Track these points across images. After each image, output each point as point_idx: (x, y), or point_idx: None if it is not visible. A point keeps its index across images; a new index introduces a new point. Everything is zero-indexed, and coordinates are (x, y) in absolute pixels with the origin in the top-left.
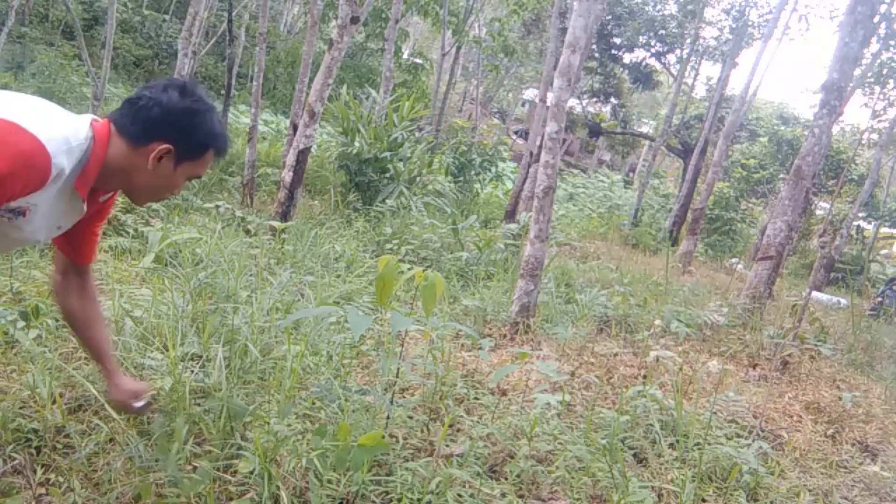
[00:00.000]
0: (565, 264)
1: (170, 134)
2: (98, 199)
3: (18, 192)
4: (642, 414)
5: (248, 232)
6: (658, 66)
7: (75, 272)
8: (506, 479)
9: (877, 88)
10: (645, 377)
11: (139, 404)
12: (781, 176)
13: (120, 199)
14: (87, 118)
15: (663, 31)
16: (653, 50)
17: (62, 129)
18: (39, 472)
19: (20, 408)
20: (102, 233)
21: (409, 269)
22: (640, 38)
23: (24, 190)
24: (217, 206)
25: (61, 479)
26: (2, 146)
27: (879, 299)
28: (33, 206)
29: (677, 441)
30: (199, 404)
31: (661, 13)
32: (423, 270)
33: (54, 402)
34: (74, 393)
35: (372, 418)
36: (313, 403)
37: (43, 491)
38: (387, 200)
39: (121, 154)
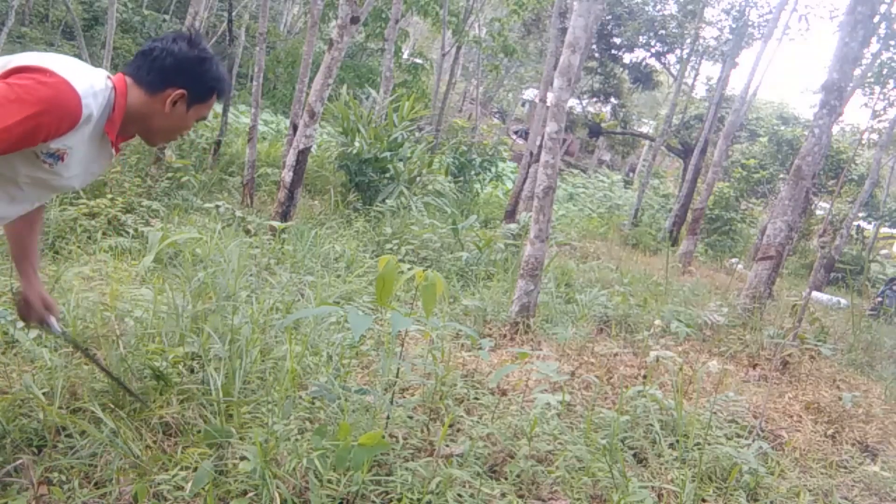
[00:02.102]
0: (565, 264)
1: (182, 80)
2: (118, 146)
3: (54, 131)
4: (642, 414)
5: (248, 232)
6: (658, 66)
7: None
8: (506, 479)
9: (877, 88)
10: (645, 377)
11: (55, 325)
12: (781, 176)
13: (120, 200)
14: (102, 72)
15: (663, 31)
16: (653, 50)
17: (87, 77)
18: (40, 471)
19: (20, 408)
20: (103, 232)
21: (409, 269)
22: (640, 38)
23: (59, 129)
24: (217, 206)
25: (63, 479)
26: (37, 86)
27: (879, 299)
28: (69, 148)
29: (677, 441)
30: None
31: (661, 13)
32: (423, 270)
33: (53, 402)
34: (75, 393)
35: (372, 418)
36: (313, 403)
37: (44, 490)
38: (387, 200)
39: (139, 101)
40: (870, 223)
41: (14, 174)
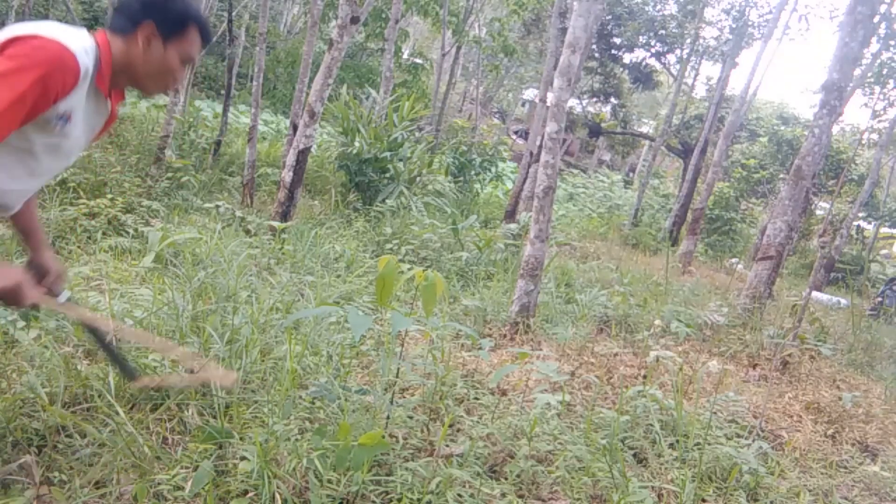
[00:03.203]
0: (565, 264)
1: (148, 14)
2: (115, 104)
3: (62, 89)
4: (642, 414)
5: (248, 232)
6: (658, 66)
7: None
8: (506, 479)
9: (877, 88)
10: (645, 377)
11: (62, 297)
12: (781, 176)
13: (120, 200)
14: (84, 31)
15: (663, 31)
16: (653, 50)
17: (75, 37)
18: (42, 471)
19: (21, 407)
20: (103, 232)
21: (409, 270)
22: (640, 38)
23: (65, 87)
24: (217, 206)
25: (64, 478)
26: (34, 51)
27: (879, 299)
28: (73, 110)
29: (677, 441)
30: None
31: (661, 13)
32: (424, 270)
33: (54, 402)
34: (75, 393)
35: (372, 418)
36: (313, 403)
37: (45, 490)
38: (387, 200)
39: (119, 50)
40: (870, 223)
41: (30, 145)
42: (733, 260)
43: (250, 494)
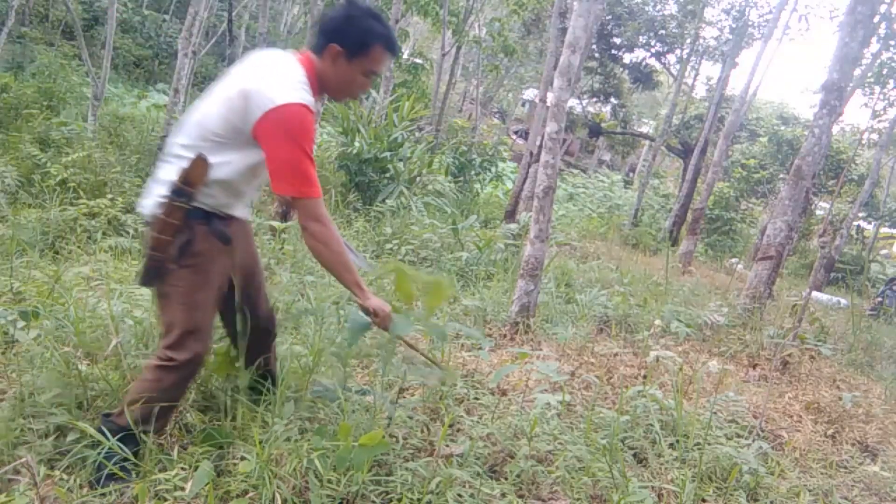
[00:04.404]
0: (565, 264)
1: (333, 38)
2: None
3: (314, 137)
4: (642, 414)
5: None
6: (658, 66)
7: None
8: (506, 479)
9: (877, 88)
10: (645, 377)
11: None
12: (781, 176)
13: (120, 200)
14: (293, 57)
15: (663, 31)
16: (653, 50)
17: (297, 79)
18: (43, 470)
19: (21, 407)
20: (103, 232)
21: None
22: (640, 38)
23: (314, 134)
24: None
25: (65, 478)
26: (300, 121)
27: (879, 299)
28: None
29: (677, 441)
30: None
31: (661, 13)
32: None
33: (54, 402)
34: (75, 393)
35: (372, 418)
36: (314, 403)
37: (46, 490)
38: (387, 200)
39: (317, 66)
40: (870, 223)
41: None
42: (733, 260)
43: (250, 494)
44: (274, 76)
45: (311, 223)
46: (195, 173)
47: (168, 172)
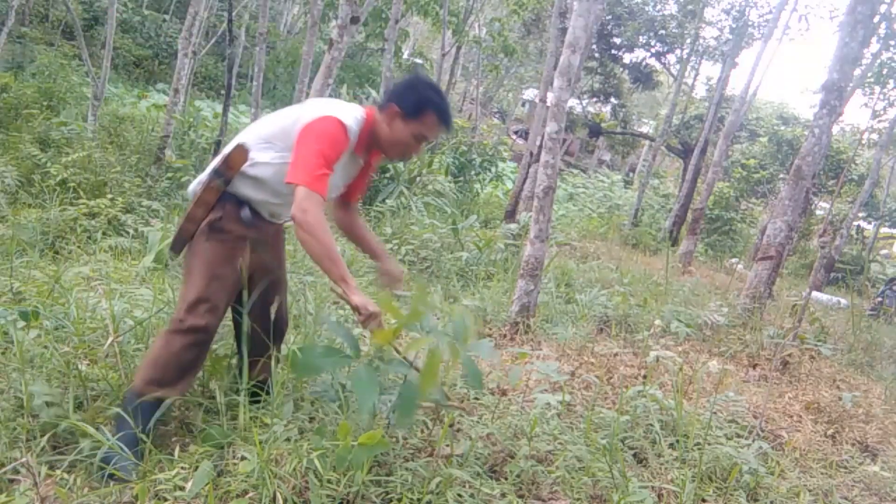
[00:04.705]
0: (565, 264)
1: (397, 98)
2: (373, 159)
3: (339, 154)
4: (642, 414)
5: None
6: (658, 66)
7: (345, 207)
8: (506, 479)
9: (877, 88)
10: (645, 377)
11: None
12: (781, 176)
13: (120, 200)
14: (361, 108)
15: (663, 31)
16: (653, 50)
17: (350, 110)
18: (44, 470)
19: (21, 407)
20: (103, 232)
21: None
22: (640, 38)
23: (341, 153)
24: None
25: (66, 477)
26: (331, 131)
27: (879, 299)
28: (338, 165)
29: (677, 441)
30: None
31: (661, 13)
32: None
33: (54, 402)
34: (76, 393)
35: (372, 418)
36: (313, 404)
37: (46, 490)
38: (387, 200)
39: (376, 119)
40: (870, 223)
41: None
42: (733, 260)
43: (250, 494)
44: (335, 103)
45: (301, 214)
46: (235, 159)
47: (215, 162)
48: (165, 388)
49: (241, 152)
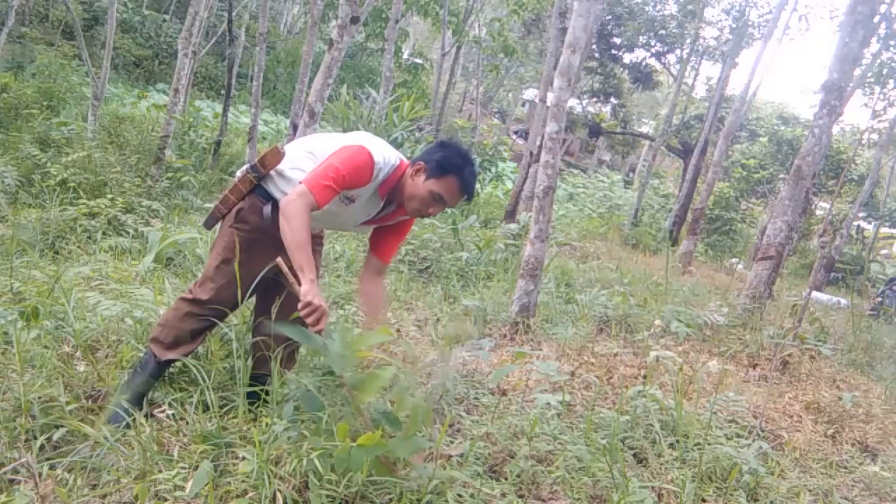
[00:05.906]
0: (565, 264)
1: (427, 157)
2: (396, 209)
3: (357, 182)
4: (642, 414)
5: None
6: (658, 66)
7: (375, 268)
8: (506, 479)
9: (877, 88)
10: (645, 377)
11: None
12: (781, 176)
13: (120, 200)
14: (400, 156)
15: (663, 31)
16: (653, 50)
17: (387, 153)
18: (45, 470)
19: (21, 407)
20: (103, 232)
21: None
22: (640, 38)
23: (360, 182)
24: None
25: (67, 477)
26: (357, 158)
27: (879, 299)
28: (358, 196)
29: (677, 441)
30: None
31: (661, 13)
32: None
33: (54, 402)
34: (77, 395)
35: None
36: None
37: (46, 490)
38: None
39: (406, 174)
40: (870, 223)
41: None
42: (733, 260)
43: (250, 494)
44: (380, 141)
45: (287, 203)
46: (269, 158)
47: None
48: (159, 347)
49: (276, 154)
